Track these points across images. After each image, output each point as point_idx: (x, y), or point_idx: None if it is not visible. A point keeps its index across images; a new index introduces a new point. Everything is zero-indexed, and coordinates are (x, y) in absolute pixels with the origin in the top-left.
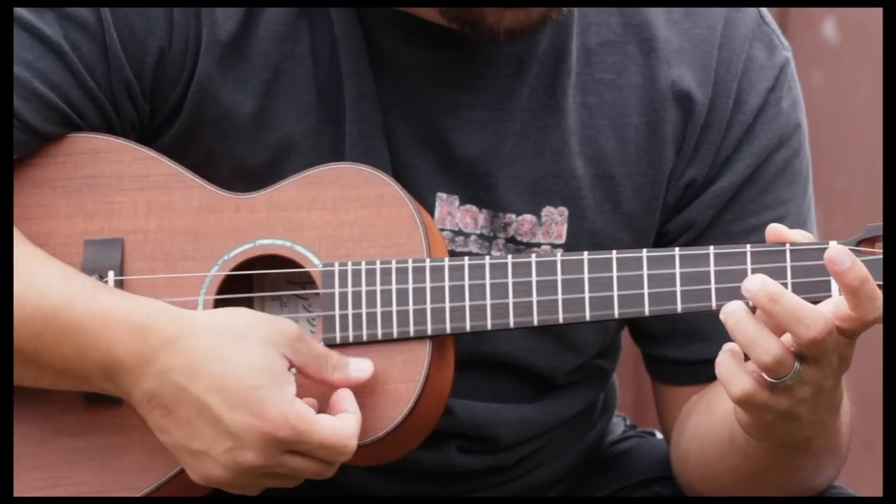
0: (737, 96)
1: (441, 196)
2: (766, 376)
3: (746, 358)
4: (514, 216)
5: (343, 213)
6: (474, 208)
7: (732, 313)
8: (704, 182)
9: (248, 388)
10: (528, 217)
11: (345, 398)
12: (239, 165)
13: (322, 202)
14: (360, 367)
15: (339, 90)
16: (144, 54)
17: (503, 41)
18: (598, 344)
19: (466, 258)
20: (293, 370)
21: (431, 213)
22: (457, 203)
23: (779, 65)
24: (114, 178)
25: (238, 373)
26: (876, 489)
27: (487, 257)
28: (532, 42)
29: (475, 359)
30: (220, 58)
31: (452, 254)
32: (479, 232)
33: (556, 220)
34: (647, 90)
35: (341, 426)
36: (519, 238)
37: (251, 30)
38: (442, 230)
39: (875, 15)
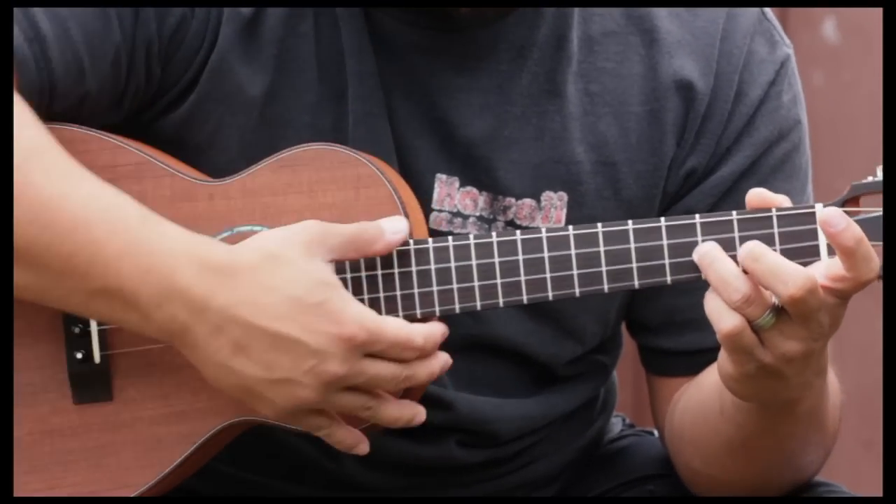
0: (738, 88)
1: (441, 177)
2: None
3: None
4: (513, 200)
5: (320, 195)
6: (474, 190)
7: (706, 254)
8: (704, 171)
9: (314, 305)
10: (528, 201)
11: None
12: (244, 145)
13: (298, 185)
14: (394, 227)
15: (341, 68)
16: (167, 15)
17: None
18: (598, 334)
19: (450, 238)
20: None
21: (430, 193)
22: (456, 185)
23: (780, 60)
24: None
25: (300, 294)
26: (876, 489)
27: (471, 236)
28: (532, 28)
29: (473, 341)
30: (241, 30)
31: (452, 235)
32: (478, 214)
33: (555, 204)
34: (648, 80)
35: (403, 322)
36: (518, 221)
37: (265, 8)
38: (440, 211)
39: (875, 14)
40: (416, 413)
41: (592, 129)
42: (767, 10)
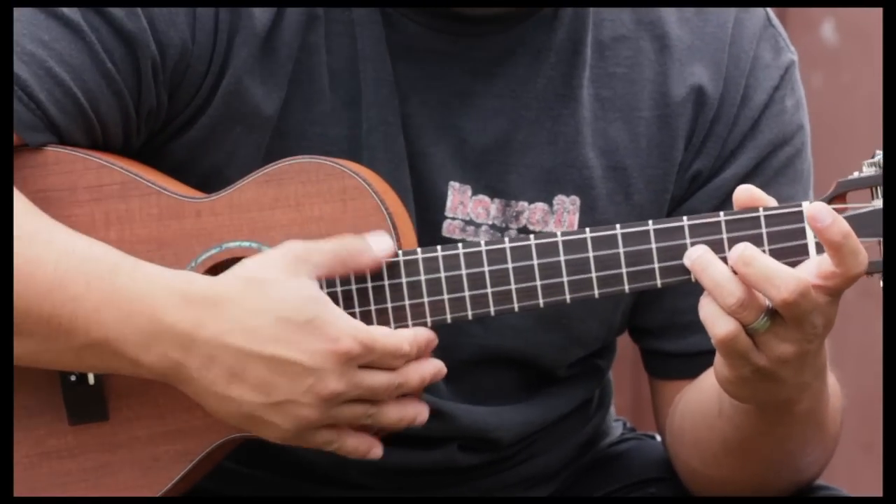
0: (744, 92)
1: (454, 185)
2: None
3: None
4: (526, 204)
5: (307, 209)
6: (486, 199)
7: (698, 259)
8: (709, 174)
9: (305, 323)
10: (541, 205)
11: None
12: (261, 160)
13: (285, 200)
14: (380, 245)
15: (354, 75)
16: (167, 46)
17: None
18: (600, 339)
19: (439, 247)
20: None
21: (444, 201)
22: (469, 193)
23: (784, 65)
24: (66, 191)
25: (290, 314)
26: (875, 491)
27: (460, 245)
28: (550, 32)
29: (483, 354)
30: (257, 51)
31: (463, 243)
32: (490, 222)
33: (567, 208)
34: (659, 85)
35: (389, 331)
36: (531, 227)
37: (279, 22)
38: (454, 219)
39: (874, 16)
40: (418, 412)
41: (603, 134)
42: (773, 15)
